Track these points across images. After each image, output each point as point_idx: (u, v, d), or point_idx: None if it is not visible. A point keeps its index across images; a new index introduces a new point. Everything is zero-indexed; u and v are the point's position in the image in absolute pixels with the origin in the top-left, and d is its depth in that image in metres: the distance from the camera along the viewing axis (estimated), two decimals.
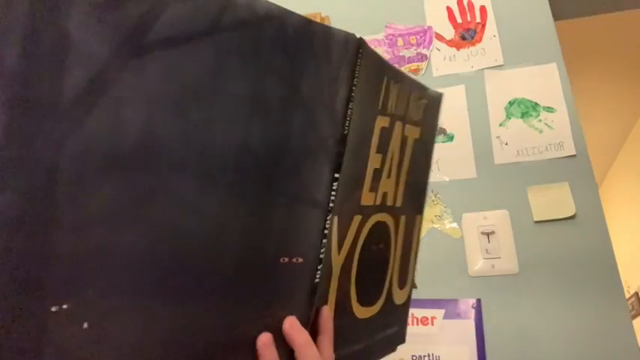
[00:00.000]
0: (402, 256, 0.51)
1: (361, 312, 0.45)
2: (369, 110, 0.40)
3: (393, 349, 0.52)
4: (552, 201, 0.91)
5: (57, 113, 0.25)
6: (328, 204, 0.38)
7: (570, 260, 0.86)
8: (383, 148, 0.43)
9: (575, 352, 0.81)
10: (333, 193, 0.38)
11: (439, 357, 0.85)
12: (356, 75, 0.38)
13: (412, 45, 1.11)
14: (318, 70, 0.36)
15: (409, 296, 0.55)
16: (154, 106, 0.28)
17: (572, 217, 0.89)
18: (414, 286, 0.91)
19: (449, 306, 0.88)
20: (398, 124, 0.44)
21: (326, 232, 0.38)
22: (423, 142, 0.51)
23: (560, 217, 0.89)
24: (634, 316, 2.75)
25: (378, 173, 0.43)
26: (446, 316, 0.88)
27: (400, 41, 1.12)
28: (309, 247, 0.37)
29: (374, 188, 0.43)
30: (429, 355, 0.85)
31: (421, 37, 1.11)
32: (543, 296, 0.85)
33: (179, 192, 0.29)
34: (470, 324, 0.86)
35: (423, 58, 1.09)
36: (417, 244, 0.55)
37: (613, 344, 0.80)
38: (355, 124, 0.38)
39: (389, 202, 0.46)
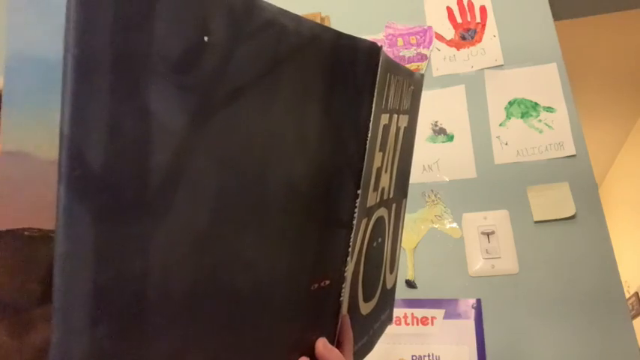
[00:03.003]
0: (392, 242, 0.52)
1: (365, 308, 0.45)
2: (378, 113, 0.39)
3: (383, 331, 0.53)
4: (552, 201, 0.91)
5: (142, 214, 0.21)
6: (352, 221, 0.37)
7: (570, 260, 0.86)
8: (383, 146, 0.42)
9: (575, 352, 0.81)
10: (355, 209, 0.37)
11: (439, 357, 0.85)
12: (376, 85, 0.36)
13: (412, 45, 1.11)
14: (345, 86, 0.34)
15: (396, 277, 0.56)
16: (224, 172, 0.25)
17: (572, 217, 0.89)
18: (413, 286, 0.91)
19: (449, 306, 0.88)
20: (394, 118, 0.44)
21: (349, 249, 0.37)
22: (410, 128, 0.50)
23: (560, 217, 0.89)
24: (634, 316, 2.75)
25: (379, 172, 0.42)
26: (446, 316, 0.88)
27: (400, 41, 1.12)
28: (335, 268, 0.37)
29: (376, 187, 0.42)
30: (429, 355, 0.85)
31: (421, 37, 1.11)
32: (543, 296, 0.85)
33: (242, 256, 0.28)
34: (470, 324, 0.86)
35: (423, 58, 1.09)
36: (403, 226, 0.56)
37: (613, 344, 0.80)
38: (372, 133, 0.37)
39: (385, 196, 0.46)
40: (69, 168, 0.19)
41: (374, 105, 0.36)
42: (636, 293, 2.79)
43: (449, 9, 1.12)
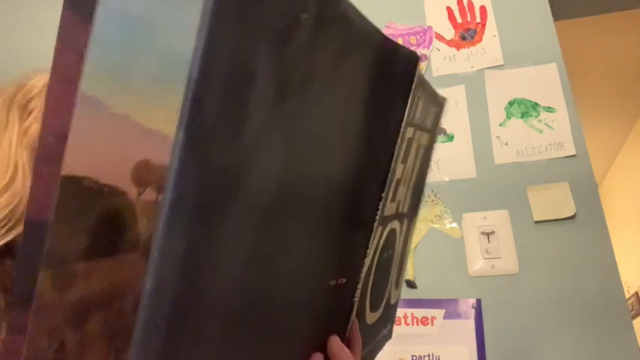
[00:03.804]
0: (400, 257, 0.52)
1: (371, 318, 0.46)
2: (407, 124, 0.40)
3: (383, 346, 0.53)
4: (552, 201, 0.91)
5: (231, 175, 0.22)
6: (373, 224, 0.37)
7: (570, 260, 0.86)
8: (405, 159, 0.43)
9: (575, 352, 0.81)
10: (378, 212, 0.37)
11: (439, 357, 0.85)
12: (410, 94, 0.36)
13: (412, 45, 1.11)
14: (384, 89, 0.34)
15: (400, 294, 0.56)
16: (283, 157, 0.25)
17: (572, 217, 0.89)
18: (413, 286, 0.91)
19: (449, 306, 0.88)
20: (417, 133, 0.44)
21: (368, 251, 0.38)
22: (429, 148, 0.51)
23: (560, 217, 0.89)
24: (634, 316, 2.75)
25: (398, 183, 0.43)
26: (446, 316, 0.88)
27: (400, 41, 1.12)
28: (352, 267, 0.37)
29: (394, 198, 0.43)
30: (429, 355, 0.85)
31: (421, 37, 1.11)
32: (543, 296, 0.85)
33: (288, 239, 0.28)
34: (470, 324, 0.86)
35: (423, 58, 1.09)
36: (411, 244, 0.57)
37: (613, 344, 0.80)
38: (399, 141, 0.38)
39: (400, 209, 0.46)
40: (192, 114, 0.19)
41: (406, 113, 0.37)
42: (636, 293, 2.79)
43: (449, 9, 1.12)
